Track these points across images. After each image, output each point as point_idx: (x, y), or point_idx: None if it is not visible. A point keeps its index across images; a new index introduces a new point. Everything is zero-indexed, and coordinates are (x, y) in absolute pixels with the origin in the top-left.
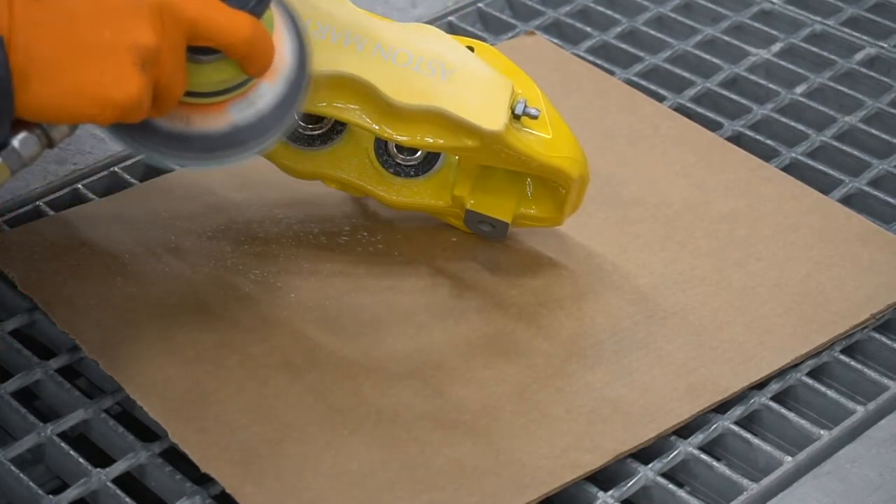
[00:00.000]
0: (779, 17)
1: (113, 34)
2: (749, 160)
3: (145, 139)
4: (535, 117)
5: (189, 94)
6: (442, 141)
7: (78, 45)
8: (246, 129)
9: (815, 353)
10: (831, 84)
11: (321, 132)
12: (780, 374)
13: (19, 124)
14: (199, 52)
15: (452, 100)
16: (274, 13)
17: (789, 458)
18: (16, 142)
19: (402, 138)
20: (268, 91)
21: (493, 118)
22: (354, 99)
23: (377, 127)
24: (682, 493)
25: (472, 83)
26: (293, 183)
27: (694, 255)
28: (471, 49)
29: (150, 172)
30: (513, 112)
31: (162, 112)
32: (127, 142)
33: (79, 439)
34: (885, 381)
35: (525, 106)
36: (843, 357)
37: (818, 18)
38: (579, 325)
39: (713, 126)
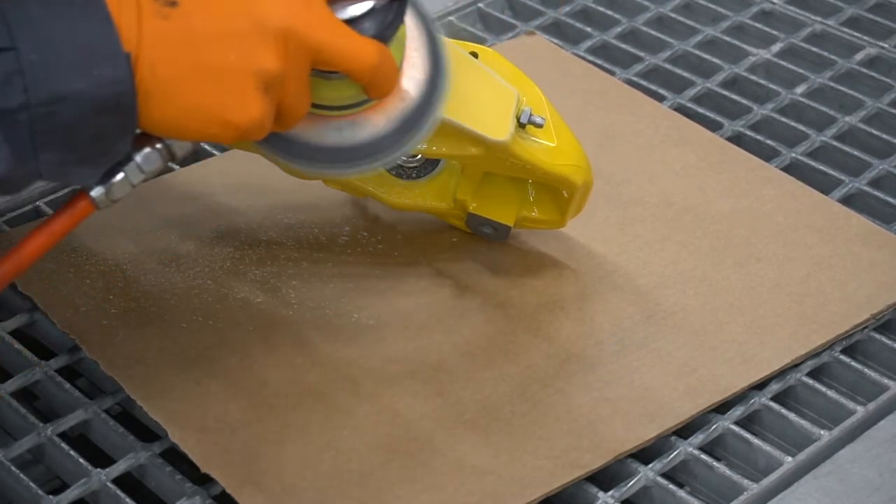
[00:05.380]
0: (779, 17)
1: (238, 57)
2: (749, 160)
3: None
4: (540, 126)
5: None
6: (446, 149)
7: (202, 66)
8: (360, 147)
9: (815, 353)
10: (831, 84)
11: None
12: (780, 374)
13: (143, 139)
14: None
15: (457, 109)
16: (411, 32)
17: (789, 459)
18: (139, 157)
19: None
20: (391, 112)
21: (498, 128)
22: None
23: None
24: (682, 493)
25: (476, 92)
26: (294, 185)
27: (694, 255)
28: (475, 55)
29: None
30: (518, 121)
31: (285, 128)
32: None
33: (79, 439)
34: (885, 381)
35: (530, 115)
36: (843, 357)
37: (818, 18)
38: (579, 325)
39: (713, 126)
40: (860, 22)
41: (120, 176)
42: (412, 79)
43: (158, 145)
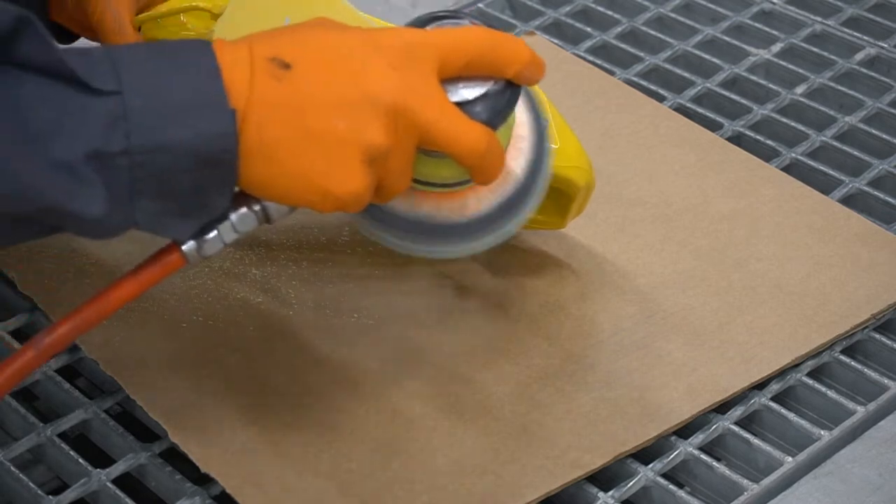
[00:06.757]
0: (779, 17)
1: (347, 128)
2: (749, 160)
3: None
4: None
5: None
6: None
7: (310, 132)
8: (457, 226)
9: (815, 353)
10: (831, 84)
11: None
12: (780, 374)
13: (240, 198)
14: None
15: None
16: (519, 113)
17: (789, 459)
18: (234, 216)
19: None
20: (492, 193)
21: None
22: None
23: None
24: (682, 493)
25: None
26: None
27: (694, 255)
28: None
29: None
30: None
31: (382, 201)
32: None
33: (79, 439)
34: (885, 381)
35: None
36: (843, 357)
37: (818, 18)
38: (579, 325)
39: (713, 126)
40: (860, 22)
41: (213, 233)
42: (516, 160)
43: (256, 207)
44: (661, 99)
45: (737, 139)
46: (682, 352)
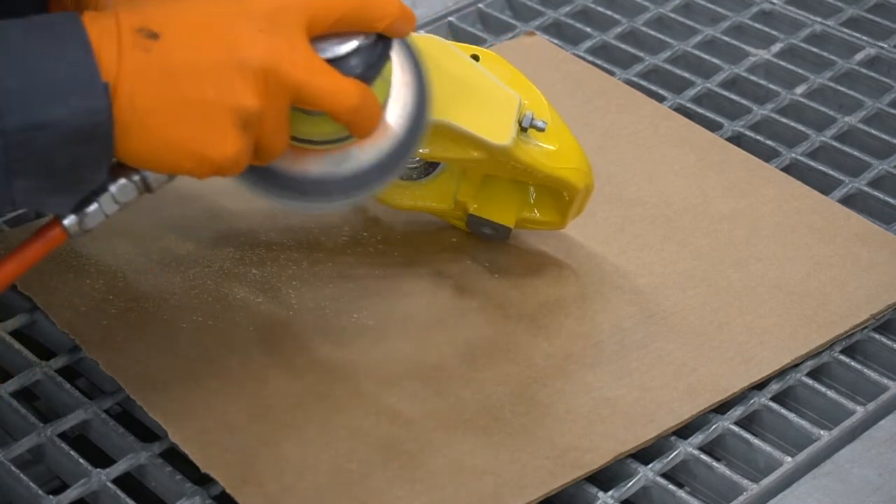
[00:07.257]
0: (779, 17)
1: (216, 93)
2: (749, 160)
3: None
4: (541, 130)
5: (291, 137)
6: (448, 153)
7: (181, 100)
8: (343, 180)
9: (815, 353)
10: (831, 84)
11: None
12: (780, 374)
13: (119, 169)
14: None
15: (459, 113)
16: (397, 67)
17: (789, 459)
18: (113, 187)
19: None
20: (373, 146)
21: (500, 132)
22: None
23: None
24: (681, 493)
25: (478, 96)
26: None
27: (694, 255)
28: (476, 57)
29: None
30: (520, 124)
31: (262, 163)
32: None
33: (79, 440)
34: (885, 381)
35: (532, 119)
36: (843, 357)
37: (818, 19)
38: (579, 325)
39: (713, 126)
40: (860, 22)
41: (94, 206)
42: (396, 114)
43: (135, 177)
44: (661, 99)
45: (737, 139)
46: (682, 352)
